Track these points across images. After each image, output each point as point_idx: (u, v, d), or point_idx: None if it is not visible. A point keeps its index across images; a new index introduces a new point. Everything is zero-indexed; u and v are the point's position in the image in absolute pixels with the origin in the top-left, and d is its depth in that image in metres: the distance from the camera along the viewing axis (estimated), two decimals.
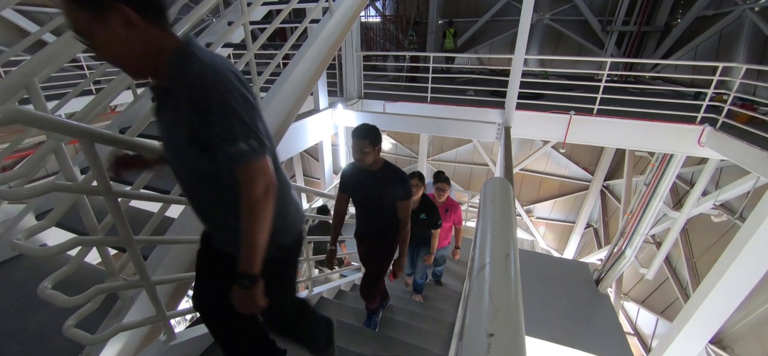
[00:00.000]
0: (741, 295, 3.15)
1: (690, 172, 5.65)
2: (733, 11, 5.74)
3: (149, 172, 1.15)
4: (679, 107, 4.01)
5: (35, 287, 0.95)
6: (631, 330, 6.47)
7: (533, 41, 8.67)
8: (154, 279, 1.28)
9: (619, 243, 5.70)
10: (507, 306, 0.47)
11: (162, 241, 1.45)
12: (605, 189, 8.94)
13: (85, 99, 4.19)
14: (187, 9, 8.66)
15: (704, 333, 3.47)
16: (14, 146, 1.56)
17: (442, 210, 2.99)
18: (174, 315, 1.47)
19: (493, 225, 0.71)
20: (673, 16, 7.25)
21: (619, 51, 7.81)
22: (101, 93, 1.51)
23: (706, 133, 3.90)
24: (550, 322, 4.66)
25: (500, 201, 0.82)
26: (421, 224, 2.65)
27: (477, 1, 8.97)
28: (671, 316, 5.35)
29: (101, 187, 1.04)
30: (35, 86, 0.99)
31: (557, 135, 4.48)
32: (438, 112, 4.98)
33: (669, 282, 5.72)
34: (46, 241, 1.83)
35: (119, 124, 2.06)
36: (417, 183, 2.58)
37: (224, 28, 2.74)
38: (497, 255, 0.58)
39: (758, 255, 2.96)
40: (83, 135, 0.95)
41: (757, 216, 2.95)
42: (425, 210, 2.67)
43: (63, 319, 1.03)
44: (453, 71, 7.47)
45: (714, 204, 4.91)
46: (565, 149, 8.50)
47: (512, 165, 3.07)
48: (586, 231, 9.60)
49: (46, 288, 0.94)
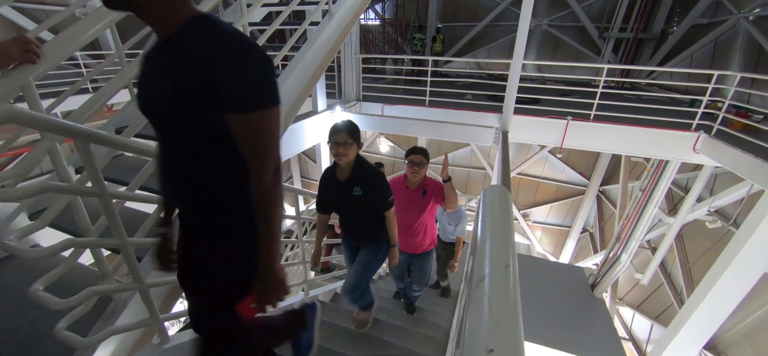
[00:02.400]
0: (735, 301, 3.18)
1: (685, 178, 5.70)
2: (728, 20, 5.82)
3: None
4: (675, 114, 4.05)
5: (27, 288, 0.94)
6: (626, 335, 6.50)
7: (531, 46, 8.74)
8: (148, 282, 1.27)
9: (615, 248, 5.73)
10: (507, 320, 0.47)
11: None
12: (601, 194, 9.00)
13: (81, 97, 4.16)
14: None
15: (699, 339, 3.49)
16: (9, 144, 1.54)
17: (419, 193, 2.25)
18: (167, 318, 1.46)
19: (492, 235, 0.70)
20: (669, 23, 7.34)
21: (616, 57, 7.89)
22: (98, 92, 1.49)
23: (701, 140, 3.94)
24: (545, 326, 4.67)
25: (499, 210, 0.81)
26: (356, 205, 1.82)
27: (475, 6, 9.03)
28: (666, 321, 5.38)
29: (96, 188, 1.03)
30: (31, 85, 0.98)
31: (554, 140, 4.50)
32: (436, 116, 4.98)
33: (664, 287, 5.76)
34: (39, 241, 1.80)
35: (115, 124, 2.03)
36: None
37: None
38: (497, 266, 0.57)
39: (752, 262, 2.98)
40: (78, 135, 0.94)
41: (751, 223, 2.98)
42: (360, 180, 1.76)
43: (55, 321, 1.01)
44: (451, 75, 7.50)
45: (708, 211, 4.96)
46: (562, 154, 8.57)
47: (510, 169, 3.06)
48: (582, 236, 9.65)
49: (38, 290, 0.92)
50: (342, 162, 1.72)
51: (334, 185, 1.84)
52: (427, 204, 2.29)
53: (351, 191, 1.77)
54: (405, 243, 2.45)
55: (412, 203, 2.30)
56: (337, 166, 1.82)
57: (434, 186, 2.29)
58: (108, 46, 7.88)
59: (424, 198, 2.28)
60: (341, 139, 1.66)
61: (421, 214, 2.31)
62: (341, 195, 1.82)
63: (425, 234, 2.41)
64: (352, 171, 1.77)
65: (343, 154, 1.68)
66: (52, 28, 5.44)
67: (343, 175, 1.79)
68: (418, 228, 2.37)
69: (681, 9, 7.04)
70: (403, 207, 2.27)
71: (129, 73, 1.51)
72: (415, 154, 2.20)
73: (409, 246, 2.47)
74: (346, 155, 1.69)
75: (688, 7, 6.69)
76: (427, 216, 2.34)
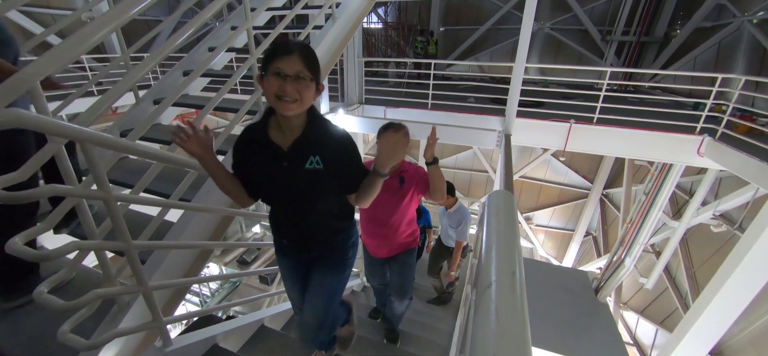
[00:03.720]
0: (741, 306, 3.14)
1: (689, 181, 5.66)
2: (732, 23, 5.79)
3: None
4: (679, 117, 4.03)
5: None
6: (630, 340, 6.43)
7: (534, 50, 8.73)
8: (152, 284, 1.27)
9: (619, 252, 5.69)
10: (514, 328, 0.46)
11: (160, 246, 1.44)
12: (604, 197, 8.94)
13: (87, 100, 4.20)
14: (192, 13, 8.71)
15: (704, 345, 3.45)
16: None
17: (395, 180, 1.78)
18: (170, 320, 1.46)
19: (498, 241, 0.70)
20: (672, 26, 7.31)
21: (619, 61, 7.87)
22: (104, 95, 1.50)
23: (706, 144, 3.91)
24: (548, 330, 4.63)
25: (505, 216, 0.81)
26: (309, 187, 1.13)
27: (478, 10, 9.05)
28: (671, 326, 5.32)
29: (101, 191, 1.03)
30: (37, 89, 0.99)
31: (557, 143, 4.49)
32: (439, 119, 4.98)
33: (668, 291, 5.70)
34: (44, 243, 1.81)
35: (120, 127, 2.05)
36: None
37: (228, 32, 2.75)
38: (503, 272, 0.57)
39: (758, 266, 2.95)
40: (83, 139, 0.95)
41: (757, 227, 2.95)
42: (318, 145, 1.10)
43: (58, 323, 1.01)
44: (454, 78, 7.51)
45: (713, 215, 4.91)
46: (565, 157, 8.54)
47: (512, 172, 3.03)
48: (585, 240, 9.59)
49: (43, 292, 0.93)
50: (289, 112, 0.98)
51: (268, 155, 1.09)
52: (405, 194, 1.77)
53: (302, 164, 1.07)
54: (378, 245, 1.96)
55: (386, 193, 1.71)
56: (271, 121, 1.09)
57: (415, 172, 1.79)
58: (113, 49, 7.97)
59: (403, 187, 1.77)
60: (293, 67, 0.94)
61: (398, 207, 1.79)
62: (283, 171, 1.09)
63: (404, 230, 1.90)
64: (304, 129, 1.07)
65: (294, 96, 0.95)
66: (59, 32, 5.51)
67: (288, 137, 1.07)
68: (395, 225, 1.84)
69: (684, 12, 7.01)
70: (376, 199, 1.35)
71: (134, 76, 1.53)
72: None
73: (383, 248, 1.94)
74: (298, 100, 0.96)
75: (692, 11, 6.67)
76: (405, 209, 1.82)
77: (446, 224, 2.94)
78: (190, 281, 1.61)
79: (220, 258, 8.70)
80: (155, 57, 1.38)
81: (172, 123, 2.64)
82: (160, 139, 2.07)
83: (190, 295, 8.66)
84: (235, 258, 8.94)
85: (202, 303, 8.62)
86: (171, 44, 1.43)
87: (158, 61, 1.40)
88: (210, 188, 1.63)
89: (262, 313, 2.13)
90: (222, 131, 1.77)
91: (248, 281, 8.54)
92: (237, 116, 1.84)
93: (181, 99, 2.15)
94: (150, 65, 1.37)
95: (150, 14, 8.54)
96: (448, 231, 2.96)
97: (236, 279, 8.58)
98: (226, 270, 8.65)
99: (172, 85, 2.34)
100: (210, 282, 8.64)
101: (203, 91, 2.82)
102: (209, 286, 8.76)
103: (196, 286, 8.27)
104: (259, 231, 10.31)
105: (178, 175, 1.71)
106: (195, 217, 1.57)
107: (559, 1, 8.20)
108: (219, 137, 1.73)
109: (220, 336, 1.74)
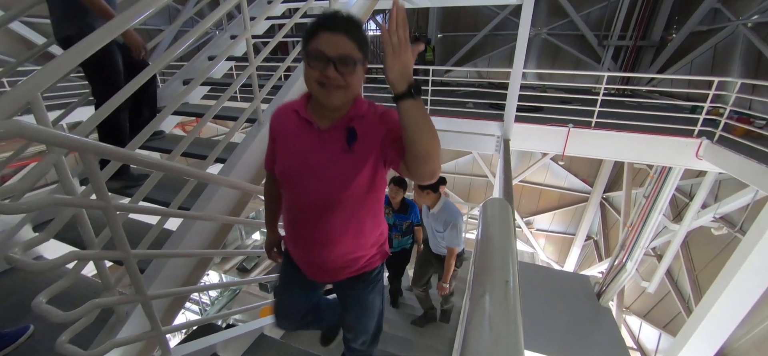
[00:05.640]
0: (744, 310, 3.12)
1: (689, 184, 5.66)
2: (727, 27, 5.85)
3: None
4: (677, 120, 4.05)
5: (30, 299, 0.94)
6: (633, 344, 6.38)
7: (531, 55, 8.81)
8: (151, 293, 1.27)
9: (620, 255, 5.67)
10: (507, 334, 0.47)
11: (160, 255, 1.44)
12: (605, 201, 8.94)
13: (88, 109, 4.21)
14: (192, 22, 8.79)
15: (708, 349, 3.42)
16: (17, 155, 1.56)
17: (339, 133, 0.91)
18: (169, 330, 1.45)
19: (493, 250, 0.70)
20: (668, 31, 7.39)
21: (616, 65, 7.93)
22: (105, 104, 1.52)
23: (704, 146, 3.93)
24: (551, 336, 4.59)
25: (500, 224, 0.81)
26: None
27: (476, 16, 9.15)
28: (674, 331, 5.28)
29: (100, 201, 1.04)
30: (38, 99, 1.00)
31: (556, 147, 4.50)
32: (438, 124, 4.92)
33: (671, 295, 5.67)
34: (42, 252, 1.81)
35: None
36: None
37: (227, 41, 2.78)
38: (497, 281, 0.57)
39: (760, 269, 2.94)
40: (83, 149, 0.96)
41: (758, 230, 2.95)
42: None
43: (57, 333, 1.01)
44: (452, 84, 7.56)
45: (714, 217, 4.91)
46: (564, 161, 8.55)
47: (511, 177, 3.03)
48: (586, 244, 9.56)
49: (41, 302, 0.93)
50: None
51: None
52: (359, 162, 0.91)
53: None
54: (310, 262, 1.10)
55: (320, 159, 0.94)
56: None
57: (374, 116, 0.92)
58: None
59: (353, 148, 0.91)
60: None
61: (346, 188, 0.92)
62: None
63: (359, 234, 1.03)
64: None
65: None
66: None
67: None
68: (339, 227, 0.98)
69: (679, 16, 7.09)
70: (300, 167, 0.95)
71: (134, 85, 1.54)
72: None
73: (320, 263, 1.07)
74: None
75: (687, 15, 6.74)
76: (360, 192, 0.94)
77: (432, 227, 2.37)
78: (190, 290, 1.60)
79: (219, 265, 8.66)
80: (156, 66, 1.40)
81: (173, 131, 2.65)
82: (160, 147, 2.08)
83: (190, 303, 8.62)
84: (235, 265, 8.90)
85: (202, 311, 8.57)
86: (171, 53, 1.44)
87: (159, 69, 1.41)
88: (209, 196, 1.64)
89: (262, 321, 2.12)
90: (222, 138, 1.78)
91: (248, 289, 8.49)
92: (236, 124, 1.85)
93: (182, 107, 2.16)
94: (151, 74, 1.38)
95: (151, 24, 8.63)
96: (436, 236, 2.39)
97: (236, 287, 8.53)
98: (226, 278, 8.60)
99: (173, 93, 2.36)
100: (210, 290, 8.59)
101: (203, 100, 2.84)
102: (209, 294, 8.71)
103: (195, 294, 8.23)
104: (258, 239, 10.28)
105: (178, 184, 1.72)
106: (194, 225, 1.57)
107: (555, 7, 8.29)
108: (219, 144, 1.74)
109: (220, 345, 1.73)
